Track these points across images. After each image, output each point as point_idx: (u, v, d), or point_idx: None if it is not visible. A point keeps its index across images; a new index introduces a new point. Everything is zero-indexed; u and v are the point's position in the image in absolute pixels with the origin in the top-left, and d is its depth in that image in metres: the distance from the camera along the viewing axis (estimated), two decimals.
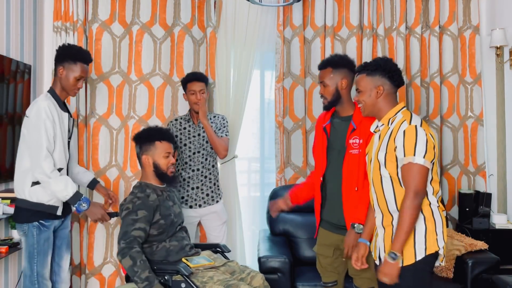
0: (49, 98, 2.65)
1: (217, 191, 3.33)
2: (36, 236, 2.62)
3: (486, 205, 3.59)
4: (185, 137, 3.27)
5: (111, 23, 3.62)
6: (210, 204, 3.28)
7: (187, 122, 3.31)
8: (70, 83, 2.70)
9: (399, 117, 2.16)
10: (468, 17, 3.87)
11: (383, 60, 2.25)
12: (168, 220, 2.65)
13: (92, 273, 3.58)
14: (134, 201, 2.59)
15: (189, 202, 3.25)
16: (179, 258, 2.62)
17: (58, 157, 2.65)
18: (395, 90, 2.24)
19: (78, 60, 2.71)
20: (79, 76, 2.71)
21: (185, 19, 3.66)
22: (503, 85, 3.79)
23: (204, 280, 2.49)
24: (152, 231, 2.59)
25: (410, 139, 2.04)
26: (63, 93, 2.74)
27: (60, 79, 2.71)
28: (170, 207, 2.72)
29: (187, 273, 2.46)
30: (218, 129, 3.26)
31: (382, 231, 2.18)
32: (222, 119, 3.34)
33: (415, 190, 2.01)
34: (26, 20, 3.36)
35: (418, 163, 2.02)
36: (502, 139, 3.80)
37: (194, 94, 3.20)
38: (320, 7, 3.75)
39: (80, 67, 2.71)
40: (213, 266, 2.66)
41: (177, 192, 2.99)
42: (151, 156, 2.70)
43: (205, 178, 3.27)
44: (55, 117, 2.62)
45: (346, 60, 2.60)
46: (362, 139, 2.45)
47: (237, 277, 2.65)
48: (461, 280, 3.07)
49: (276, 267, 3.07)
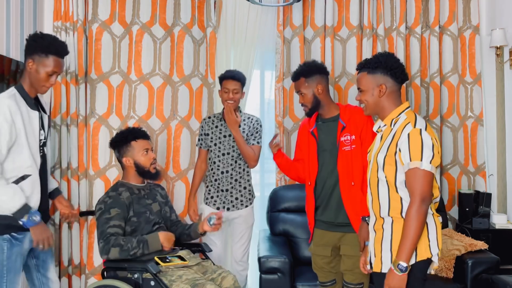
0: (13, 96, 2.28)
1: (247, 195, 3.24)
2: (7, 251, 2.26)
3: (486, 205, 3.59)
4: (216, 137, 3.19)
5: (111, 23, 3.62)
6: (239, 208, 3.20)
7: (219, 120, 3.23)
8: (41, 78, 2.32)
9: (402, 118, 2.06)
10: (468, 17, 3.87)
11: (384, 56, 2.14)
12: (141, 217, 2.71)
13: (92, 273, 3.58)
14: (106, 200, 2.68)
15: (217, 204, 3.19)
16: (152, 257, 2.63)
17: (22, 162, 2.28)
18: (398, 87, 2.13)
19: (50, 52, 2.32)
20: (51, 71, 2.32)
21: (185, 19, 3.65)
22: (503, 85, 3.79)
23: (173, 279, 2.52)
24: (126, 228, 2.66)
25: (415, 143, 1.95)
26: (32, 89, 2.36)
27: (29, 73, 2.33)
28: (147, 205, 2.77)
29: (155, 271, 2.48)
30: (251, 134, 3.17)
31: (373, 234, 2.12)
32: (256, 122, 3.22)
33: (422, 197, 1.93)
34: (26, 20, 3.36)
35: (425, 169, 1.93)
36: (502, 139, 3.80)
37: (227, 92, 3.10)
38: (320, 7, 3.75)
39: (53, 61, 2.32)
40: (185, 265, 2.66)
41: (162, 190, 3.00)
42: (131, 156, 2.79)
43: (235, 182, 3.18)
44: (17, 119, 2.24)
45: (316, 66, 2.68)
46: (355, 135, 2.55)
47: (208, 277, 2.65)
48: (461, 280, 3.07)
49: (276, 267, 3.07)
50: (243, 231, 3.24)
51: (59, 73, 2.40)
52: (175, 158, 3.65)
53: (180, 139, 3.64)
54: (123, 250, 2.54)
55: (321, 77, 2.65)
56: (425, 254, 1.98)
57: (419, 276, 2.00)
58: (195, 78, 3.67)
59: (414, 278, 1.98)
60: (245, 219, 3.23)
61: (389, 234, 2.04)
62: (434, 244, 2.00)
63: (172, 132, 3.65)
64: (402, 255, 1.92)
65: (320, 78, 2.64)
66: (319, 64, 2.71)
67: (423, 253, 1.98)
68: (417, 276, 1.99)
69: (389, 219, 2.04)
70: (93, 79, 3.60)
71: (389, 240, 2.03)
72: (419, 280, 2.01)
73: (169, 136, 3.66)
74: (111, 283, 2.57)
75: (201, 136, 3.28)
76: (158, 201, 2.88)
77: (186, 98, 3.65)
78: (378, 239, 2.07)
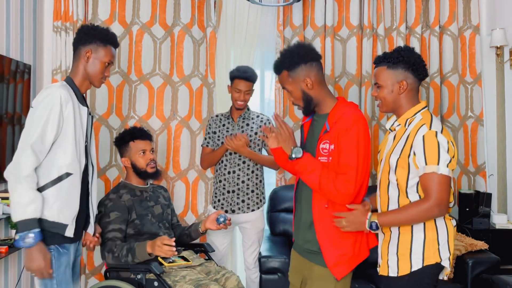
0: (65, 86, 2.10)
1: (255, 199, 3.07)
2: (55, 262, 2.02)
3: (486, 205, 3.59)
4: (223, 135, 3.08)
5: (111, 23, 3.61)
6: (245, 212, 3.05)
7: (226, 119, 3.14)
8: (98, 69, 2.18)
9: (418, 118, 1.95)
10: (468, 17, 3.87)
11: (406, 50, 1.99)
12: (144, 220, 2.69)
13: (92, 273, 3.58)
14: (106, 203, 2.68)
15: (225, 207, 3.07)
16: (156, 257, 2.61)
17: (64, 160, 2.04)
18: (418, 84, 2.01)
19: (109, 42, 2.22)
20: (109, 60, 2.21)
21: (185, 19, 3.65)
22: (503, 85, 3.79)
23: (176, 279, 2.51)
24: (129, 230, 2.65)
25: (431, 146, 1.84)
26: (85, 83, 2.21)
27: (85, 64, 2.17)
28: (149, 207, 2.76)
29: (158, 272, 2.47)
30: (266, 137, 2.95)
31: (382, 236, 2.06)
32: (268, 122, 3.10)
33: (438, 202, 1.83)
34: (26, 20, 3.35)
35: (443, 173, 1.83)
36: (502, 139, 3.80)
37: (239, 92, 3.00)
38: (320, 7, 3.75)
39: (111, 51, 2.23)
40: (189, 265, 2.65)
41: (165, 192, 2.98)
42: (128, 157, 2.79)
43: (242, 183, 3.05)
44: (69, 111, 2.04)
45: (299, 55, 2.06)
46: (334, 144, 2.01)
47: (212, 278, 2.64)
48: (461, 280, 3.07)
49: (276, 267, 3.08)
50: (252, 236, 3.12)
51: (112, 65, 2.30)
52: (175, 158, 3.65)
53: (180, 139, 3.64)
54: (115, 257, 2.52)
55: (308, 67, 2.05)
56: (433, 258, 1.90)
57: (428, 281, 1.92)
58: (195, 78, 3.67)
59: (421, 284, 1.91)
60: (253, 224, 3.10)
61: (396, 238, 1.99)
62: (444, 248, 1.91)
63: (172, 132, 3.65)
64: (382, 218, 1.92)
65: (307, 68, 2.05)
66: (303, 50, 2.08)
67: (431, 257, 1.90)
68: (425, 281, 1.91)
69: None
70: None
71: (395, 244, 1.98)
72: (427, 286, 1.92)
73: (169, 136, 3.65)
74: (114, 283, 2.55)
75: (208, 135, 3.18)
76: (160, 203, 2.86)
77: (186, 98, 3.65)
78: (385, 241, 2.03)
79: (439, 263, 1.91)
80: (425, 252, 1.90)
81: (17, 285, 3.18)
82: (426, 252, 1.90)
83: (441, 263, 1.91)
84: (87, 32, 2.19)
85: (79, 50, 2.18)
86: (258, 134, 2.92)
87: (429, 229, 1.92)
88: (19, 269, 3.22)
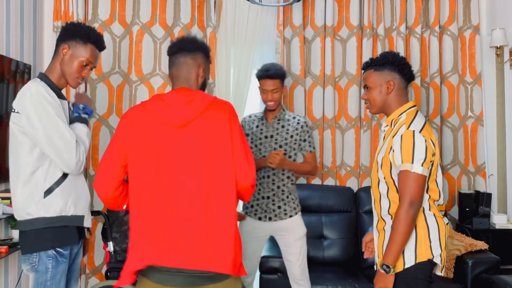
0: (41, 83, 1.99)
1: (291, 204, 2.85)
2: (52, 270, 1.98)
3: (486, 205, 3.59)
4: (256, 137, 2.87)
5: (111, 23, 3.62)
6: (282, 218, 2.82)
7: (260, 120, 2.91)
8: (74, 67, 2.04)
9: (402, 118, 2.04)
10: (468, 17, 3.87)
11: (391, 54, 2.11)
12: None
13: (92, 273, 3.58)
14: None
15: (258, 213, 2.84)
16: None
17: None
18: (405, 84, 2.10)
19: (89, 40, 2.06)
20: (87, 60, 2.05)
21: (185, 19, 3.65)
22: (503, 85, 3.79)
23: None
24: None
25: (407, 144, 1.93)
26: (62, 80, 2.07)
27: (61, 61, 2.05)
28: None
29: None
30: (303, 140, 2.86)
31: (377, 234, 2.12)
32: (305, 125, 2.88)
33: (410, 200, 1.91)
34: (26, 20, 3.36)
35: (415, 171, 1.91)
36: (502, 139, 3.80)
37: (265, 93, 2.80)
38: (320, 7, 3.75)
39: (91, 50, 2.07)
40: None
41: None
42: None
43: (278, 189, 2.82)
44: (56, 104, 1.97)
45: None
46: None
47: None
48: (461, 280, 3.08)
49: (276, 267, 3.08)
50: (293, 245, 2.83)
51: (93, 67, 2.13)
52: None
53: None
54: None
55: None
56: (425, 255, 1.95)
57: (421, 277, 1.97)
58: None
59: (415, 280, 1.96)
60: (292, 230, 2.84)
61: None
62: (436, 245, 1.97)
63: None
64: (388, 257, 1.93)
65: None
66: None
67: (423, 254, 1.95)
68: (418, 277, 1.96)
69: (389, 219, 2.03)
70: (93, 79, 3.60)
71: None
72: (421, 282, 1.97)
73: None
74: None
75: None
76: None
77: None
78: (380, 241, 2.07)
79: (431, 260, 1.97)
80: (417, 249, 1.96)
81: (17, 285, 3.18)
82: (418, 250, 1.96)
83: (433, 259, 1.97)
84: (69, 29, 2.09)
85: (58, 46, 2.08)
86: (294, 137, 2.83)
87: (420, 227, 1.98)
88: (19, 269, 3.22)
